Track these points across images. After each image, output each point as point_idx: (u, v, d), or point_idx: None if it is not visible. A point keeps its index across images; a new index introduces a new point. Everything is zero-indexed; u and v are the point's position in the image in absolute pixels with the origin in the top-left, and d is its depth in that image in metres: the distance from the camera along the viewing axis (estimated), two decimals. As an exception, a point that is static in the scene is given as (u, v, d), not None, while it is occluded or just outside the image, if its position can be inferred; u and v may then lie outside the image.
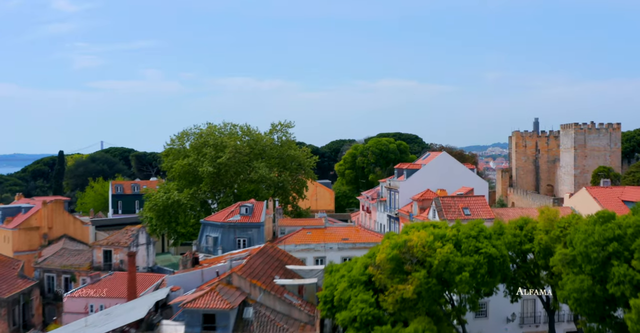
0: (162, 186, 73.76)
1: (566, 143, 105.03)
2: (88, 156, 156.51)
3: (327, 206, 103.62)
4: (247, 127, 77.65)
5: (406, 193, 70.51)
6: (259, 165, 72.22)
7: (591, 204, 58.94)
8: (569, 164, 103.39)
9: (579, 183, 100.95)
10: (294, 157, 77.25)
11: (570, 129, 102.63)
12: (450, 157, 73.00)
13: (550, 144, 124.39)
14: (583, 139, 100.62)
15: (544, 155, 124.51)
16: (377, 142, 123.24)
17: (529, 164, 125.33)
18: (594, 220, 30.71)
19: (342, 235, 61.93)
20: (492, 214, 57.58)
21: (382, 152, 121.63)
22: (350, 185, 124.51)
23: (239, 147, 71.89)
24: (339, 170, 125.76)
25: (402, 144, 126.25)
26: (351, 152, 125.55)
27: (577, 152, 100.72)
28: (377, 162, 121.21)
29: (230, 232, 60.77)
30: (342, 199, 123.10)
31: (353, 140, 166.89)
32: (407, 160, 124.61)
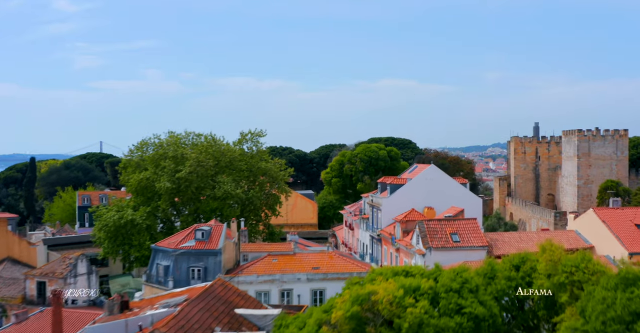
0: (116, 203, 65.69)
1: (568, 151, 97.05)
2: (62, 162, 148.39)
3: (309, 219, 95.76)
4: (212, 136, 69.56)
5: (389, 212, 62.52)
6: (224, 180, 64.22)
7: (599, 228, 50.95)
8: (571, 173, 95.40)
9: (583, 194, 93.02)
10: (265, 170, 69.20)
11: (573, 135, 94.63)
12: (439, 171, 64.94)
13: (552, 150, 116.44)
14: (587, 147, 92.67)
15: (545, 163, 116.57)
16: (366, 148, 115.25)
17: (528, 172, 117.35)
18: (614, 284, 22.68)
19: (313, 263, 53.91)
20: (484, 240, 49.60)
21: (372, 159, 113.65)
22: (338, 194, 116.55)
23: (202, 160, 63.86)
24: (325, 179, 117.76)
25: (393, 151, 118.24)
26: (338, 159, 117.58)
27: (580, 161, 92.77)
28: (365, 170, 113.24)
29: (183, 260, 52.75)
30: (328, 210, 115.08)
31: (343, 145, 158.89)
32: (398, 168, 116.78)
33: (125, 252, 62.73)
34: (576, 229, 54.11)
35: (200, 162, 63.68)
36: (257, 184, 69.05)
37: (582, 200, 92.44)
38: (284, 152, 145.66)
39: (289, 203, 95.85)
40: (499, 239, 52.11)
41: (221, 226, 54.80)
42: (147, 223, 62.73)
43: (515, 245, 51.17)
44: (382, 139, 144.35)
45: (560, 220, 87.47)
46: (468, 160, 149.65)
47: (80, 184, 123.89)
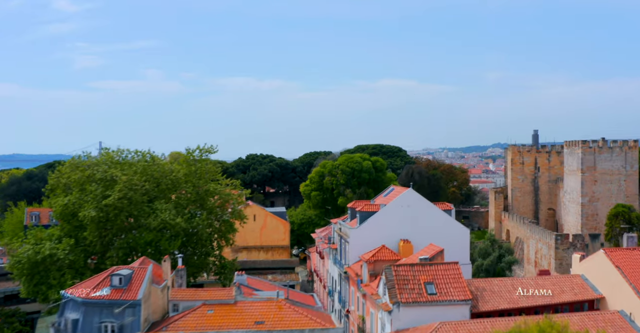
0: (33, 234, 55.25)
1: (571, 164, 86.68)
2: (25, 172, 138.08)
3: (280, 241, 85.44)
4: (150, 154, 59.08)
5: (358, 245, 52.28)
6: (163, 207, 53.86)
7: (611, 275, 40.68)
8: (574, 189, 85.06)
9: (587, 214, 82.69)
10: (215, 193, 58.84)
11: (576, 147, 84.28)
12: (418, 197, 54.53)
13: (552, 160, 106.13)
14: (592, 160, 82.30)
15: (545, 174, 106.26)
16: (349, 159, 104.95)
17: (526, 184, 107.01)
18: None
19: (258, 315, 43.56)
20: (466, 293, 39.31)
21: (354, 171, 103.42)
22: (317, 209, 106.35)
23: (135, 183, 53.49)
24: (304, 192, 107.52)
25: (379, 161, 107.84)
26: (318, 170, 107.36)
27: (584, 176, 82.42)
28: (347, 183, 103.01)
29: (94, 313, 42.34)
30: (307, 226, 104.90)
31: (329, 153, 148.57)
32: (383, 180, 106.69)
33: (43, 293, 52.48)
34: (583, 274, 43.80)
35: (133, 186, 53.32)
36: (205, 210, 58.66)
37: (587, 220, 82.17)
38: (264, 160, 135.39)
39: (258, 223, 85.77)
40: (486, 288, 41.76)
41: (145, 268, 44.44)
42: (69, 258, 52.42)
43: (507, 296, 40.94)
44: (370, 147, 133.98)
45: (561, 244, 77.28)
46: (462, 169, 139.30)
47: (34, 199, 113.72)
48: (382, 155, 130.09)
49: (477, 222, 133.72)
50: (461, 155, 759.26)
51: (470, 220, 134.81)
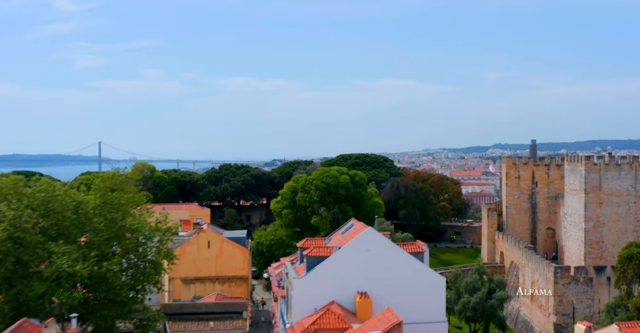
0: None
1: (573, 183, 75.63)
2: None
3: (239, 271, 74.34)
4: (49, 182, 47.82)
5: (303, 300, 41.28)
6: (60, 250, 42.81)
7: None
8: (577, 212, 74.02)
9: (592, 241, 71.67)
10: (134, 229, 47.74)
11: (578, 163, 73.20)
12: (380, 239, 43.35)
13: (552, 174, 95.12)
14: (597, 179, 71.27)
15: (543, 190, 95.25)
16: (324, 173, 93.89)
17: (523, 201, 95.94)
18: None
19: None
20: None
21: (330, 186, 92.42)
22: (290, 229, 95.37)
23: (26, 220, 42.52)
24: (275, 209, 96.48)
25: (358, 175, 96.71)
26: (291, 185, 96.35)
27: (589, 198, 71.35)
28: (322, 200, 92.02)
29: None
30: (277, 249, 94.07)
31: (310, 162, 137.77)
32: (363, 197, 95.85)
33: None
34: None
35: (23, 222, 42.32)
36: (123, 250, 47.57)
37: (591, 249, 71.19)
38: (238, 171, 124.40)
39: (212, 250, 74.83)
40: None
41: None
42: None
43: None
44: (353, 157, 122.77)
45: (561, 278, 66.34)
46: (454, 181, 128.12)
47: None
48: (365, 165, 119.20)
49: (470, 238, 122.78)
50: (461, 156, 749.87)
51: (463, 236, 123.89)
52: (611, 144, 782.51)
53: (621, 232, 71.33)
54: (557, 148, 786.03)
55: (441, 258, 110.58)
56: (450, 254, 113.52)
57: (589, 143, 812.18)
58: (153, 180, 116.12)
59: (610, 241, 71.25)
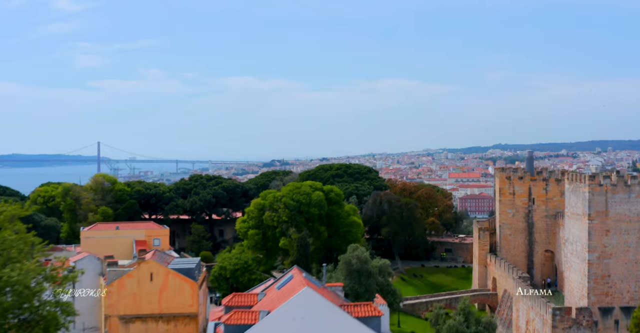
0: None
1: (575, 205, 65.20)
2: None
3: (186, 307, 63.90)
4: None
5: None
6: None
7: None
8: (579, 240, 63.61)
9: (597, 275, 61.28)
10: (11, 283, 37.24)
11: (581, 183, 62.74)
12: (320, 302, 32.89)
13: (551, 190, 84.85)
14: (603, 202, 60.87)
15: (541, 208, 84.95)
16: (294, 189, 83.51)
17: (518, 220, 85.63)
18: None
19: None
20: None
21: (301, 204, 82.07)
22: (257, 251, 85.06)
23: None
24: (240, 229, 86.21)
25: (333, 191, 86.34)
26: (258, 202, 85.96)
27: (593, 224, 60.94)
28: (292, 220, 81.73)
29: None
30: (241, 274, 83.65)
31: (288, 172, 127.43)
32: (340, 215, 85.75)
33: None
34: None
35: None
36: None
37: (596, 284, 60.79)
38: (209, 182, 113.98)
39: (156, 284, 64.35)
40: None
41: None
42: None
43: None
44: (334, 167, 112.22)
45: (561, 321, 55.92)
46: (445, 193, 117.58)
47: None
48: (347, 177, 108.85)
49: (462, 256, 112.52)
50: (461, 157, 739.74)
51: (454, 253, 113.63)
52: (612, 144, 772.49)
53: (631, 265, 60.97)
54: (557, 148, 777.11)
55: (429, 281, 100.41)
56: (439, 275, 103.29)
57: (590, 143, 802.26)
58: (113, 193, 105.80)
59: (619, 275, 60.90)
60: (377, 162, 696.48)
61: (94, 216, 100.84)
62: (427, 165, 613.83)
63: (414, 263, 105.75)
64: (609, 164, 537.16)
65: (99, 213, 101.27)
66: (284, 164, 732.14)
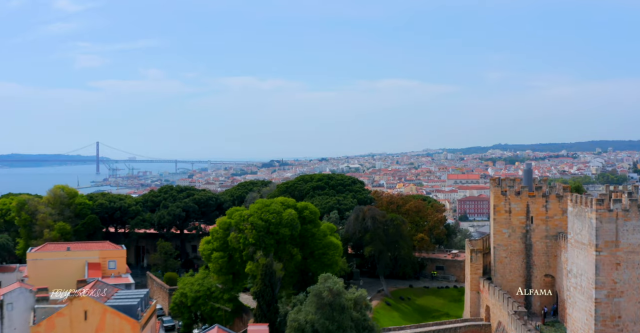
0: None
1: (579, 233, 56.02)
2: None
3: (126, 353, 54.87)
4: None
5: None
6: None
7: None
8: (584, 273, 54.45)
9: (605, 316, 52.05)
10: None
11: (587, 207, 53.56)
12: None
13: (551, 208, 75.74)
14: (613, 231, 51.77)
15: (540, 227, 75.80)
16: (263, 208, 74.29)
17: (515, 241, 76.47)
18: None
19: None
20: None
21: (270, 224, 72.96)
22: (223, 276, 75.93)
23: None
24: (203, 251, 77.05)
25: (307, 209, 77.17)
26: (224, 221, 76.80)
27: (601, 257, 51.78)
28: (259, 242, 72.61)
29: None
30: (204, 302, 74.71)
31: (267, 183, 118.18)
32: (315, 236, 77.13)
33: None
34: None
35: None
36: None
37: (604, 326, 51.62)
38: (180, 194, 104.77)
39: (91, 323, 55.38)
40: None
41: None
42: None
43: None
44: (315, 178, 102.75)
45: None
46: (437, 206, 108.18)
47: None
48: (329, 189, 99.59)
49: (455, 275, 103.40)
50: (461, 157, 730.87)
51: (446, 271, 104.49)
52: (612, 144, 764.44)
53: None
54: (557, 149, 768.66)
55: (417, 304, 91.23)
56: (429, 297, 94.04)
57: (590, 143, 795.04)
58: (73, 207, 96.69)
59: (631, 317, 51.72)
60: (377, 162, 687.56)
61: (50, 233, 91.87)
62: (427, 166, 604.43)
63: (401, 284, 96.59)
64: (609, 165, 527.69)
65: (55, 229, 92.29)
66: (283, 164, 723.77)
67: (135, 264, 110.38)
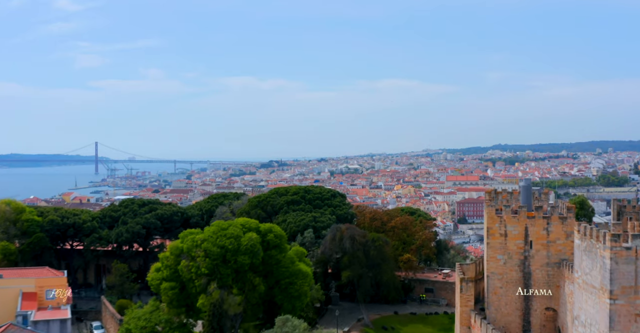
0: None
1: (589, 273, 45.89)
2: None
3: None
4: None
5: None
6: None
7: None
8: (595, 324, 44.30)
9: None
10: None
11: (598, 242, 43.42)
12: None
13: (553, 231, 65.44)
14: (632, 273, 41.70)
15: (541, 253, 65.56)
16: (219, 232, 63.93)
17: (511, 269, 66.23)
18: None
19: None
20: None
21: (227, 251, 62.71)
22: (175, 309, 65.65)
23: None
24: (152, 281, 66.72)
25: (272, 232, 66.76)
26: (176, 246, 66.47)
27: (617, 306, 41.68)
28: (213, 272, 62.37)
29: None
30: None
31: (240, 194, 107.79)
32: (280, 263, 66.94)
33: None
34: None
35: None
36: None
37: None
38: (141, 209, 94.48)
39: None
40: None
41: None
42: None
43: None
44: (290, 191, 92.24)
45: None
46: (425, 223, 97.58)
47: None
48: (305, 204, 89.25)
49: (446, 297, 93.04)
50: (460, 157, 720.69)
51: (436, 294, 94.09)
52: (612, 145, 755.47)
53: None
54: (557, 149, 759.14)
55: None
56: (416, 326, 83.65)
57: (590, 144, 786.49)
58: (20, 224, 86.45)
59: None
60: (376, 163, 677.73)
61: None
62: (426, 167, 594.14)
63: (385, 310, 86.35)
64: (610, 166, 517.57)
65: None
66: (282, 165, 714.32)
67: (96, 284, 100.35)
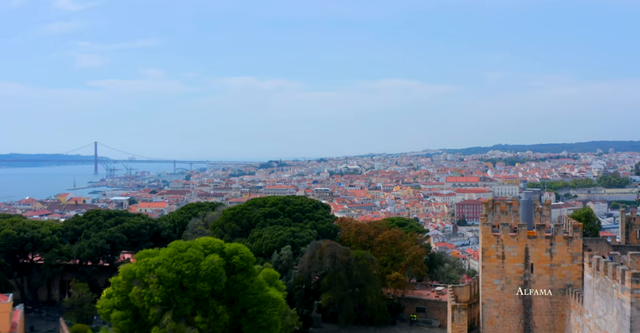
0: None
1: (603, 316, 38.00)
2: None
3: None
4: None
5: None
6: None
7: None
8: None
9: None
10: None
11: (615, 280, 35.57)
12: None
13: (557, 253, 57.60)
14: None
15: (543, 277, 57.77)
16: (175, 255, 55.89)
17: (509, 295, 58.42)
18: None
19: None
20: None
21: (184, 277, 54.73)
22: (127, 341, 57.66)
23: None
24: (102, 309, 58.72)
25: (238, 254, 58.63)
26: (128, 269, 58.40)
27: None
28: (168, 301, 54.36)
29: None
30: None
31: (218, 204, 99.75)
32: (247, 289, 58.65)
33: None
34: None
35: None
36: None
37: None
38: (107, 221, 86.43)
39: None
40: None
41: None
42: None
43: None
44: (269, 203, 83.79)
45: None
46: (416, 235, 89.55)
47: None
48: (283, 216, 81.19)
49: (439, 318, 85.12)
50: (460, 158, 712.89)
51: (427, 313, 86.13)
52: (612, 145, 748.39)
53: None
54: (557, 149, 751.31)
55: (389, 362, 73.18)
56: (405, 351, 76.01)
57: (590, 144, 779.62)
58: (-28, 239, 78.60)
59: None
60: (375, 163, 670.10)
61: None
62: (425, 168, 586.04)
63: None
64: (611, 167, 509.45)
65: (-57, 268, 74.27)
66: (281, 165, 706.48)
67: (59, 302, 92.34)
